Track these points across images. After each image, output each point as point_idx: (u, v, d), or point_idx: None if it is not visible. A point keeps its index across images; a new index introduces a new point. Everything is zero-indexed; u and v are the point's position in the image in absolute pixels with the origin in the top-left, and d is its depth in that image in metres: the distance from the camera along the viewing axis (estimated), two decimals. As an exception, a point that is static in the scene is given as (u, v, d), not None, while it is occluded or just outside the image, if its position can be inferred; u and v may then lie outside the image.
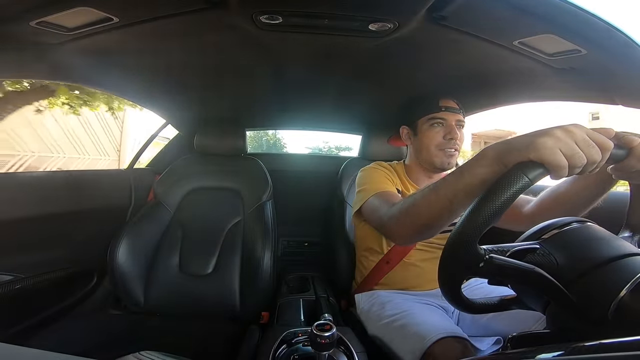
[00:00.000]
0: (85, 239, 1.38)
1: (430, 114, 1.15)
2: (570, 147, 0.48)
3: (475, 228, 0.46)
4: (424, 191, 0.72)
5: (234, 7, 0.83)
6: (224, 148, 1.49)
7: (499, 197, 0.46)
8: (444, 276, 0.52)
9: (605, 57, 0.81)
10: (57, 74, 1.13)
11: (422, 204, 0.71)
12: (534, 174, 0.48)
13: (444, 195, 0.65)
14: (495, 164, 0.56)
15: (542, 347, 0.39)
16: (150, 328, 1.18)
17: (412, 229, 0.76)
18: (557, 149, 0.48)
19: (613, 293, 0.44)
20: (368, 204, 1.06)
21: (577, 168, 0.48)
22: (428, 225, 0.71)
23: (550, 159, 0.47)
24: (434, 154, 1.14)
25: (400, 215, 0.80)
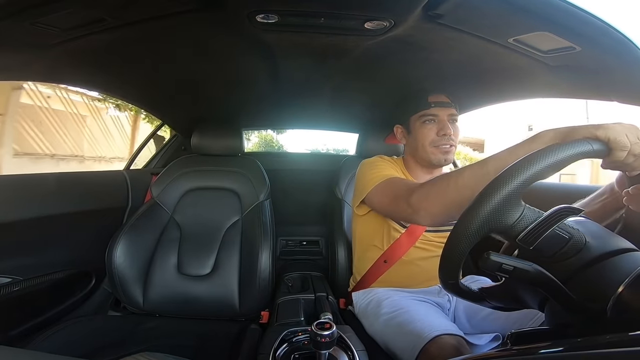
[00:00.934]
0: (83, 241, 1.38)
1: (420, 111, 1.14)
2: (635, 135, 0.54)
3: (531, 175, 0.46)
4: (467, 166, 0.74)
5: (229, 7, 0.82)
6: (221, 148, 1.49)
7: (561, 153, 0.47)
8: (470, 217, 0.48)
9: (599, 54, 0.82)
10: (52, 76, 1.12)
11: (465, 177, 0.72)
12: (598, 147, 0.52)
13: (493, 168, 0.67)
14: (553, 143, 0.58)
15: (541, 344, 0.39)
16: (150, 329, 1.18)
17: (446, 205, 0.76)
18: (624, 133, 0.53)
19: (611, 289, 0.45)
20: (377, 190, 1.05)
21: (634, 156, 0.54)
22: (470, 198, 0.70)
23: (618, 138, 0.53)
24: (430, 151, 1.13)
25: (433, 190, 0.80)
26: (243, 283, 1.28)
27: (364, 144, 1.58)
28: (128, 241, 1.25)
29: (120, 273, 1.21)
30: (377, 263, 1.18)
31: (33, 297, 1.16)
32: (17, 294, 1.10)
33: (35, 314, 1.19)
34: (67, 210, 1.30)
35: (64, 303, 1.31)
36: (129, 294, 1.23)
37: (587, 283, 0.48)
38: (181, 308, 1.27)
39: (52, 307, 1.26)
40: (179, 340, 1.13)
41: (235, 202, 1.42)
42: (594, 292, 0.46)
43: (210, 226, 1.37)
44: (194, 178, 1.45)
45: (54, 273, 1.25)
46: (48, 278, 1.22)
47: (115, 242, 1.24)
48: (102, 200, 1.49)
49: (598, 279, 0.47)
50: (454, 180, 0.75)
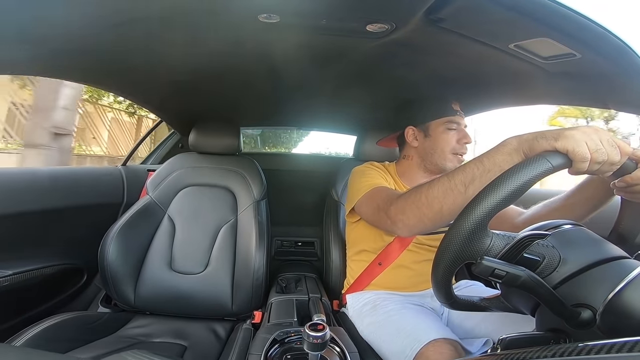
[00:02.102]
0: (76, 237, 1.37)
1: (445, 116, 1.14)
2: (595, 142, 0.52)
3: (493, 205, 0.47)
4: (436, 179, 0.74)
5: (231, 5, 0.82)
6: (219, 146, 1.48)
7: (520, 178, 0.47)
8: (444, 255, 0.52)
9: (599, 61, 0.82)
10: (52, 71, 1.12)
11: (435, 190, 0.73)
12: (558, 162, 0.50)
13: (460, 180, 0.67)
14: (516, 153, 0.59)
15: (531, 349, 0.39)
16: (140, 326, 1.18)
17: (420, 218, 0.77)
18: (583, 142, 0.51)
19: (601, 295, 0.45)
20: (363, 199, 1.06)
21: (597, 164, 0.52)
22: (440, 212, 0.72)
23: (575, 150, 0.51)
24: (449, 158, 1.13)
25: (407, 203, 0.81)
26: (236, 282, 1.27)
27: (362, 146, 1.58)
28: (121, 237, 1.24)
29: (113, 269, 1.20)
30: (371, 266, 1.18)
31: (23, 292, 1.15)
32: (6, 288, 1.09)
33: (24, 309, 1.18)
34: (60, 205, 1.29)
35: (55, 298, 1.31)
36: (120, 291, 1.22)
37: (578, 289, 0.48)
38: (173, 306, 1.26)
39: (42, 302, 1.25)
40: (170, 338, 1.12)
41: (231, 201, 1.41)
42: (584, 298, 0.47)
43: (205, 224, 1.36)
44: (190, 175, 1.44)
45: (45, 268, 1.23)
46: (39, 273, 1.21)
47: (108, 238, 1.23)
48: (96, 196, 1.48)
49: (588, 285, 0.48)
50: (425, 193, 0.76)
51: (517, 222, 0.98)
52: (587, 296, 0.47)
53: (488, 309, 0.62)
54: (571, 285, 0.49)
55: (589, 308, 0.46)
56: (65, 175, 1.35)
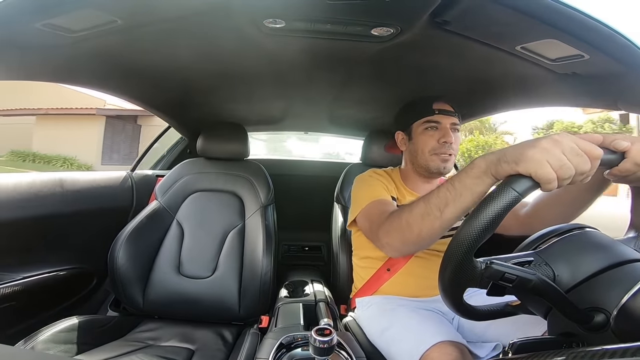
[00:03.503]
0: (86, 241, 1.38)
1: (424, 117, 1.13)
2: (557, 158, 0.48)
3: (470, 243, 0.47)
4: (415, 202, 0.75)
5: (237, 11, 0.83)
6: (226, 152, 1.49)
7: (489, 212, 0.47)
8: (444, 287, 0.53)
9: (608, 62, 0.81)
10: (61, 76, 1.14)
11: (414, 214, 0.74)
12: (524, 188, 0.48)
13: (435, 205, 0.67)
14: (486, 175, 0.57)
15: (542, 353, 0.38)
16: (148, 330, 1.18)
17: (403, 241, 0.79)
18: (544, 162, 0.48)
19: (615, 299, 0.44)
20: (363, 213, 1.07)
21: (566, 179, 0.49)
22: (420, 235, 0.73)
23: (538, 173, 0.48)
24: (429, 158, 1.13)
25: (391, 227, 0.82)
26: (244, 287, 1.27)
27: (369, 150, 1.58)
28: (131, 242, 1.25)
29: (122, 273, 1.21)
30: (380, 272, 1.17)
31: (34, 296, 1.17)
32: (18, 292, 1.11)
33: (35, 313, 1.19)
34: (71, 209, 1.31)
35: (65, 302, 1.32)
36: (129, 295, 1.23)
37: (591, 293, 0.47)
38: (181, 310, 1.27)
39: (52, 305, 1.26)
40: (177, 342, 1.13)
41: (238, 206, 1.42)
42: (597, 302, 0.46)
43: (213, 229, 1.37)
44: (198, 181, 1.45)
45: (56, 272, 1.25)
46: (49, 277, 1.22)
47: (118, 242, 1.24)
48: (106, 201, 1.50)
49: (602, 288, 0.47)
50: (405, 217, 0.77)
51: (522, 214, 0.98)
52: (601, 299, 0.46)
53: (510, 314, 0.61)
54: (584, 288, 0.48)
55: (602, 312, 0.45)
56: (75, 181, 1.37)
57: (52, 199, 1.24)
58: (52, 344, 0.94)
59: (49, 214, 1.23)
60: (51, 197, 1.24)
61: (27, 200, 1.15)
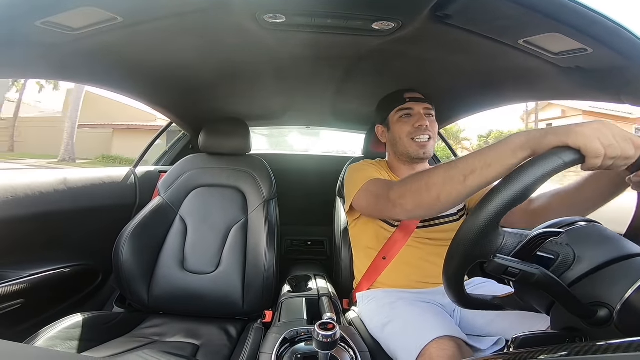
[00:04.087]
0: (91, 238, 1.39)
1: (397, 106, 1.21)
2: (608, 137, 0.51)
3: (504, 203, 0.47)
4: (438, 166, 0.76)
5: (237, 7, 0.83)
6: (228, 147, 1.49)
7: (533, 173, 0.47)
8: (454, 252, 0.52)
9: (611, 55, 0.80)
10: (63, 74, 1.14)
11: (435, 177, 0.74)
12: (570, 159, 0.50)
13: (461, 170, 0.68)
14: (522, 150, 0.58)
15: (545, 348, 0.38)
16: (154, 326, 1.19)
17: (418, 203, 0.79)
18: (595, 138, 0.51)
19: (619, 293, 0.44)
20: (360, 193, 1.09)
21: (611, 159, 0.52)
22: (438, 199, 0.73)
23: (588, 146, 0.50)
24: (408, 144, 1.18)
25: (407, 188, 0.83)
26: (247, 282, 1.28)
27: (371, 144, 1.58)
28: (135, 238, 1.26)
29: (126, 269, 1.22)
30: (376, 261, 1.18)
31: (40, 293, 1.18)
32: (25, 289, 1.12)
33: (41, 310, 1.20)
34: (75, 206, 1.32)
35: (71, 299, 1.33)
36: (134, 291, 1.24)
37: (594, 287, 0.47)
38: (185, 306, 1.28)
39: (58, 302, 1.28)
40: (182, 337, 1.14)
41: (241, 201, 1.42)
42: (601, 297, 0.46)
43: (216, 224, 1.38)
44: (201, 176, 1.45)
45: (61, 269, 1.26)
46: (56, 274, 1.24)
47: (122, 239, 1.25)
48: (110, 198, 1.51)
49: (605, 283, 0.47)
50: (425, 179, 0.77)
51: (529, 210, 0.99)
52: (604, 294, 0.46)
53: (501, 308, 0.61)
54: (587, 283, 0.48)
55: (605, 306, 0.45)
56: (79, 178, 1.38)
57: (57, 196, 1.25)
58: (58, 340, 0.95)
59: (53, 211, 1.23)
60: (55, 194, 1.25)
61: (31, 198, 1.16)
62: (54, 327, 0.98)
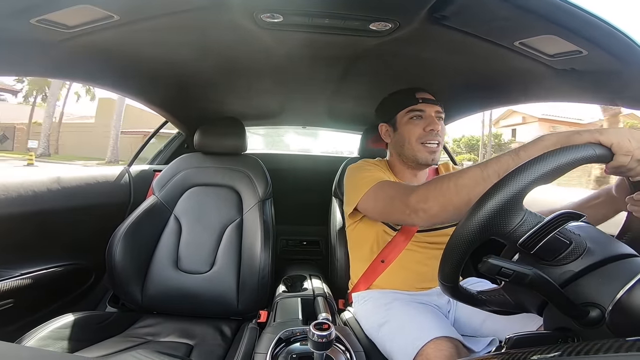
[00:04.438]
0: (84, 237, 1.38)
1: (408, 106, 1.13)
2: (638, 139, 0.54)
3: (534, 178, 0.47)
4: (467, 169, 0.74)
5: (235, 6, 0.82)
6: (224, 146, 1.49)
7: (564, 157, 0.48)
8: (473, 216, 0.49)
9: (606, 58, 0.81)
10: (57, 72, 1.13)
11: (465, 179, 0.72)
12: (600, 152, 0.52)
13: (494, 170, 0.67)
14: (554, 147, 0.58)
15: (538, 348, 0.38)
16: (147, 326, 1.18)
17: (446, 206, 0.76)
18: (627, 137, 0.53)
19: (611, 294, 0.45)
20: (370, 194, 1.03)
21: (637, 161, 0.54)
22: (469, 202, 0.69)
23: (620, 143, 0.53)
24: (416, 148, 1.12)
25: (431, 191, 0.80)
26: (242, 281, 1.27)
27: (367, 144, 1.58)
28: (128, 238, 1.25)
29: (120, 269, 1.21)
30: (374, 263, 1.17)
31: (32, 292, 1.17)
32: (17, 288, 1.11)
33: (33, 309, 1.19)
34: (68, 205, 1.31)
35: (63, 298, 1.32)
36: (127, 291, 1.23)
37: (586, 288, 0.48)
38: (179, 305, 1.27)
39: (51, 302, 1.26)
40: (176, 337, 1.13)
41: (236, 201, 1.42)
42: (593, 297, 0.46)
43: (210, 224, 1.37)
44: (196, 176, 1.45)
45: (54, 268, 1.25)
46: (47, 273, 1.22)
47: (115, 238, 1.24)
48: (104, 197, 1.49)
49: (597, 284, 0.47)
50: (454, 181, 0.74)
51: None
52: (596, 295, 0.46)
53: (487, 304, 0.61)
54: (580, 283, 0.48)
55: (597, 307, 0.45)
56: (72, 177, 1.37)
57: (50, 195, 1.24)
58: (51, 340, 0.94)
59: (46, 210, 1.22)
60: (49, 193, 1.24)
61: (24, 197, 1.15)
62: (46, 327, 0.97)
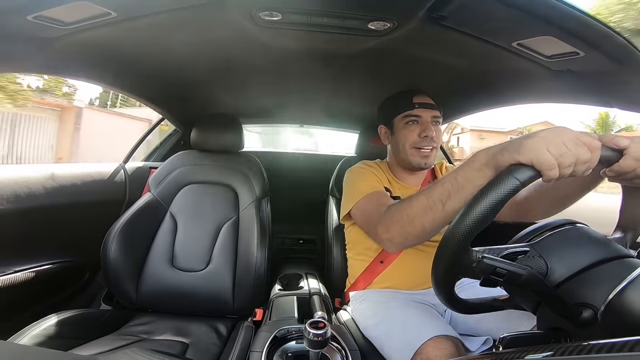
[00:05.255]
0: (79, 234, 1.37)
1: (405, 111, 1.14)
2: (557, 146, 0.49)
3: (468, 230, 0.47)
4: (415, 196, 0.74)
5: (233, 3, 0.82)
6: (221, 144, 1.48)
7: (491, 199, 0.47)
8: (437, 276, 0.53)
9: (603, 59, 0.81)
10: (54, 69, 1.12)
11: (415, 208, 0.72)
12: (525, 176, 0.49)
13: (437, 197, 0.67)
14: (487, 167, 0.58)
15: (531, 348, 0.39)
16: (142, 324, 1.18)
17: (406, 235, 0.77)
18: (544, 149, 0.49)
19: (603, 294, 0.45)
20: (358, 206, 1.07)
21: (567, 167, 0.49)
22: (423, 229, 0.72)
23: (539, 159, 0.49)
24: (410, 153, 1.14)
25: (392, 221, 0.81)
26: (238, 279, 1.27)
27: (364, 143, 1.58)
28: (124, 235, 1.24)
29: (115, 267, 1.20)
30: (373, 264, 1.17)
31: (25, 289, 1.16)
32: (9, 285, 1.10)
33: (27, 307, 1.18)
34: (63, 202, 1.30)
35: (57, 296, 1.32)
36: (122, 288, 1.22)
37: (579, 288, 0.48)
38: (174, 303, 1.26)
39: (44, 299, 1.26)
40: (171, 335, 1.13)
41: (233, 199, 1.41)
42: (585, 298, 0.47)
43: (206, 222, 1.36)
44: (192, 173, 1.44)
45: (47, 265, 1.24)
46: (41, 270, 1.22)
47: (110, 235, 1.23)
48: (99, 193, 1.48)
49: (590, 284, 0.48)
50: (406, 211, 0.75)
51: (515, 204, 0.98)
52: (589, 295, 0.47)
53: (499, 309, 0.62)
54: (573, 284, 0.49)
55: (590, 307, 0.46)
56: (67, 173, 1.36)
57: (44, 191, 1.23)
58: (44, 338, 0.94)
59: (40, 206, 1.21)
60: (43, 189, 1.23)
61: (18, 193, 1.14)
62: (40, 325, 0.97)
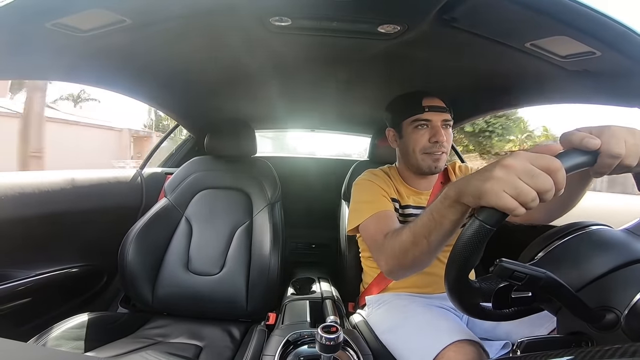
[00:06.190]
0: (97, 238, 1.40)
1: (414, 115, 1.09)
2: (513, 185, 0.47)
3: (457, 275, 0.51)
4: (404, 231, 0.76)
5: (244, 10, 0.83)
6: (234, 150, 1.50)
7: (468, 247, 0.48)
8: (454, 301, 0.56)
9: (620, 59, 0.79)
10: (72, 76, 1.15)
11: (405, 242, 0.75)
12: (493, 220, 0.48)
13: (420, 234, 0.69)
14: (458, 204, 0.58)
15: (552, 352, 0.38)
16: (157, 327, 1.20)
17: (402, 266, 0.80)
18: (501, 192, 0.47)
19: (626, 298, 0.44)
20: (365, 225, 1.03)
21: (532, 202, 0.46)
22: (414, 261, 0.75)
23: (499, 205, 0.47)
24: (420, 157, 1.09)
25: (388, 254, 0.83)
26: (251, 284, 1.28)
27: (377, 147, 1.58)
28: (140, 239, 1.27)
29: (131, 271, 1.23)
30: None
31: (45, 293, 1.19)
32: (31, 289, 1.13)
33: (47, 310, 1.21)
34: (81, 207, 1.33)
35: (76, 299, 1.34)
36: (138, 292, 1.24)
37: (602, 292, 0.47)
38: (189, 307, 1.28)
39: (63, 302, 1.29)
40: (186, 339, 1.14)
41: (246, 204, 1.42)
42: (608, 301, 0.45)
43: (221, 226, 1.38)
44: (206, 178, 1.46)
45: (67, 269, 1.28)
46: (62, 274, 1.25)
47: (128, 239, 1.26)
48: (117, 199, 1.52)
49: (613, 288, 0.46)
50: (398, 245, 0.78)
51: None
52: (612, 299, 0.46)
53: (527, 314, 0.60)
54: (595, 287, 0.48)
55: (613, 311, 0.45)
56: (86, 179, 1.40)
57: (64, 197, 1.27)
58: (63, 340, 0.96)
59: (60, 211, 1.25)
60: (63, 195, 1.26)
61: (39, 198, 1.18)
62: (60, 327, 0.99)
